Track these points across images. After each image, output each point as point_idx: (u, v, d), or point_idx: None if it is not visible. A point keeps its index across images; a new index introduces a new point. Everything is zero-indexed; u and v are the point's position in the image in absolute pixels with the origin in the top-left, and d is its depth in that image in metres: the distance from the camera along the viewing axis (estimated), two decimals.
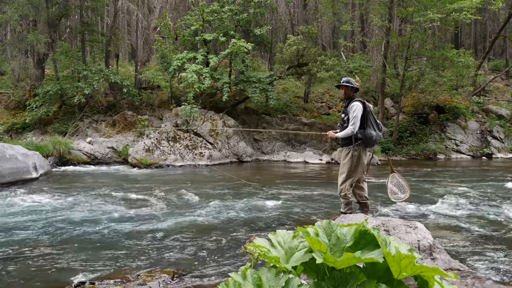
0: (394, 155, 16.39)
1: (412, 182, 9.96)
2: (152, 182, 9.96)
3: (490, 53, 29.25)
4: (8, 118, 16.78)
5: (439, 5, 14.70)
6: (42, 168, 10.49)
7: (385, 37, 16.51)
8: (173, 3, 20.79)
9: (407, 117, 17.96)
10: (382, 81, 16.79)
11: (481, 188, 8.87)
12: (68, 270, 3.96)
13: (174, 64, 15.13)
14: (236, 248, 4.59)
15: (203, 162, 13.83)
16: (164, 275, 3.64)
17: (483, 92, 21.98)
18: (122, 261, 4.21)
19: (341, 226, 1.58)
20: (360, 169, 5.09)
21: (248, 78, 15.94)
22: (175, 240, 4.98)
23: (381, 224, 3.75)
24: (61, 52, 17.10)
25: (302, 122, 17.54)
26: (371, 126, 4.96)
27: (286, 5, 22.03)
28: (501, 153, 17.05)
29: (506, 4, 23.49)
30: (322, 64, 16.55)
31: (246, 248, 1.60)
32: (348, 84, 5.08)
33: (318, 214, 6.38)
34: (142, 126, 16.23)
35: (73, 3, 18.97)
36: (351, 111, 4.93)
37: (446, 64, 16.71)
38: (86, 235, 5.17)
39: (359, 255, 1.38)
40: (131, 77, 20.23)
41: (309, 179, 10.56)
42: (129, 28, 31.75)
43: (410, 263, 1.35)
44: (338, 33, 31.81)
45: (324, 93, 23.39)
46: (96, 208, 6.75)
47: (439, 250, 3.53)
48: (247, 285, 1.41)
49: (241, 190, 8.47)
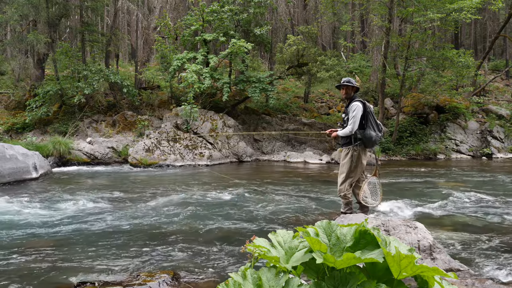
0: (394, 155, 16.39)
1: (412, 182, 9.96)
2: (152, 182, 9.96)
3: (490, 53, 29.25)
4: (8, 118, 16.79)
5: (439, 5, 14.70)
6: (42, 168, 10.49)
7: (385, 37, 16.51)
8: (173, 3, 20.79)
9: (407, 117, 17.95)
10: (382, 81, 16.79)
11: (481, 188, 8.86)
12: (68, 270, 3.96)
13: (174, 64, 15.13)
14: (236, 248, 4.59)
15: (203, 162, 13.83)
16: (164, 275, 3.64)
17: (483, 92, 21.98)
18: (122, 261, 4.21)
19: (341, 226, 1.58)
20: (360, 169, 5.08)
21: (248, 78, 15.94)
22: (175, 240, 4.98)
23: (381, 224, 3.75)
24: (61, 52, 17.09)
25: (302, 122, 17.54)
26: (371, 126, 4.96)
27: (286, 5, 22.04)
28: (501, 153, 17.05)
29: (506, 4, 23.49)
30: (322, 64, 16.55)
31: (246, 248, 1.60)
32: (349, 83, 5.08)
33: (318, 214, 6.37)
34: (142, 126, 16.24)
35: (73, 3, 18.97)
36: (351, 111, 4.92)
37: (446, 64, 16.70)
38: (86, 235, 5.17)
39: (359, 255, 1.38)
40: (131, 77, 20.24)
41: (309, 179, 10.56)
42: (129, 28, 31.76)
43: (410, 263, 1.35)
44: (338, 33, 31.82)
45: (324, 93, 23.40)
46: (96, 208, 6.75)
47: (439, 250, 3.53)
48: (247, 285, 1.41)
49: (240, 190, 8.46)
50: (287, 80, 22.12)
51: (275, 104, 18.28)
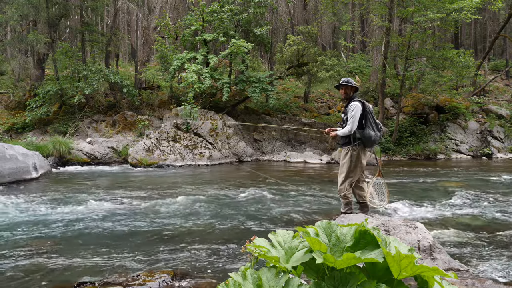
0: (394, 155, 16.39)
1: (412, 182, 9.96)
2: (152, 182, 9.96)
3: (490, 53, 29.25)
4: (8, 118, 16.79)
5: (439, 5, 14.70)
6: (42, 168, 10.49)
7: (385, 37, 16.50)
8: (173, 3, 20.79)
9: (407, 117, 17.95)
10: (382, 81, 16.78)
11: (481, 188, 8.87)
12: (68, 270, 3.96)
13: (174, 64, 15.13)
14: (236, 248, 4.59)
15: (203, 162, 13.83)
16: (164, 275, 3.64)
17: (483, 92, 21.98)
18: (122, 261, 4.21)
19: (341, 226, 1.58)
20: (359, 169, 5.08)
21: (248, 78, 15.94)
22: (175, 240, 4.98)
23: (381, 224, 3.75)
24: (61, 52, 17.10)
25: (302, 122, 17.54)
26: (370, 126, 4.95)
27: (286, 5, 22.04)
28: (501, 153, 17.05)
29: (506, 4, 23.48)
30: (322, 64, 16.55)
31: (246, 248, 1.60)
32: (348, 83, 5.08)
33: (318, 214, 6.37)
34: (142, 126, 16.24)
35: (73, 3, 18.97)
36: (350, 111, 4.93)
37: (446, 64, 16.70)
38: (86, 235, 5.17)
39: (359, 255, 1.38)
40: (131, 77, 20.23)
41: (309, 179, 10.56)
42: (129, 28, 31.76)
43: (410, 263, 1.35)
44: (338, 33, 31.82)
45: (324, 93, 23.39)
46: (95, 208, 6.75)
47: (439, 250, 3.53)
48: (247, 285, 1.41)
49: (240, 190, 8.46)
50: (287, 80, 22.11)
51: (275, 104, 18.28)
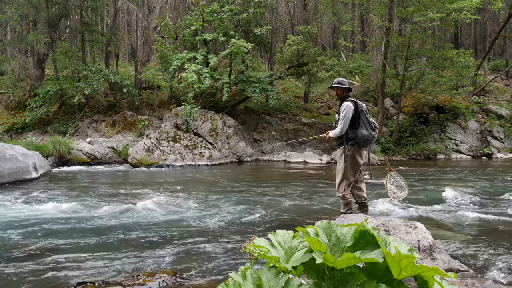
0: (394, 155, 16.39)
1: (412, 182, 9.95)
2: (152, 182, 9.96)
3: (490, 53, 29.25)
4: (8, 118, 16.79)
5: (439, 5, 14.71)
6: (42, 168, 10.49)
7: (385, 37, 16.51)
8: (173, 3, 20.79)
9: (407, 117, 17.96)
10: (382, 81, 16.79)
11: (481, 188, 8.87)
12: (68, 270, 3.96)
13: (174, 64, 15.13)
14: (236, 248, 4.59)
15: (203, 162, 13.83)
16: (164, 275, 3.63)
17: (483, 92, 21.99)
18: (122, 261, 4.21)
19: (341, 226, 1.58)
20: (355, 169, 5.08)
21: (248, 78, 15.94)
22: (175, 240, 4.98)
23: (381, 224, 3.75)
24: (61, 52, 17.10)
25: (302, 122, 17.55)
26: (364, 125, 4.95)
27: (286, 5, 22.04)
28: (501, 153, 17.05)
29: (506, 4, 23.49)
30: (322, 64, 16.56)
31: (246, 248, 1.60)
32: (339, 85, 5.08)
33: (318, 214, 6.37)
34: (142, 126, 16.24)
35: (73, 3, 18.97)
36: (341, 111, 4.94)
37: (446, 64, 16.71)
38: (86, 235, 5.17)
39: (359, 255, 1.38)
40: (131, 77, 20.24)
41: (309, 179, 10.56)
42: (129, 28, 31.77)
43: (410, 263, 1.34)
44: (338, 33, 31.82)
45: (324, 93, 23.39)
46: (95, 208, 6.75)
47: (439, 250, 3.53)
48: (247, 285, 1.41)
49: (240, 191, 8.46)
50: (287, 80, 22.12)
51: (275, 104, 18.28)
